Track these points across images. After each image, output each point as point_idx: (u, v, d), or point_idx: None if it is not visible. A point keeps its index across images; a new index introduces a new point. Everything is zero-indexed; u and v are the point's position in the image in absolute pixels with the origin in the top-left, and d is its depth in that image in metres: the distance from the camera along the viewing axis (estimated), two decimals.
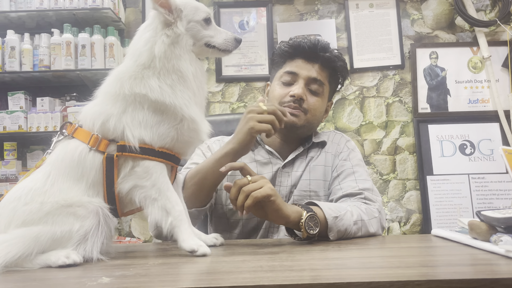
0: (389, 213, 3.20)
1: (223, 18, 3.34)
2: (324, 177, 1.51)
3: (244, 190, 1.13)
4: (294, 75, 1.49)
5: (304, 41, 1.50)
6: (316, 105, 1.50)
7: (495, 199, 3.08)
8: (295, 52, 1.51)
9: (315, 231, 1.16)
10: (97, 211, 0.99)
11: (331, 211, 1.22)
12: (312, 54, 1.49)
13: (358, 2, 3.36)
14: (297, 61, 1.51)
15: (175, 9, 1.08)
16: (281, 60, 1.55)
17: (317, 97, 1.50)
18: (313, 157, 1.54)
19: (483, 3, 3.35)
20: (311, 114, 1.49)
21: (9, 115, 2.97)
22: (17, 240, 0.90)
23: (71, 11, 3.01)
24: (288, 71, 1.50)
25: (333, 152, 1.55)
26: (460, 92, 3.28)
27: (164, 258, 1.00)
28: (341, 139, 1.59)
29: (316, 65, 1.50)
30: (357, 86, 3.31)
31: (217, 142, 1.59)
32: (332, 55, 1.52)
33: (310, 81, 1.49)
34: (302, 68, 1.49)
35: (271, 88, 1.56)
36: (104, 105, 1.05)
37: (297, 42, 1.51)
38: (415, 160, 3.24)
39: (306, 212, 1.17)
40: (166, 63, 1.05)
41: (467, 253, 0.97)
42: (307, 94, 1.48)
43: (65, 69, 2.97)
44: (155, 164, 1.03)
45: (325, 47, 1.51)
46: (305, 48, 1.49)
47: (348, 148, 1.55)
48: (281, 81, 1.51)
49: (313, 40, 1.50)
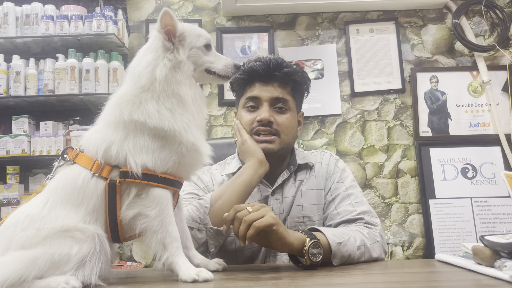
0: (392, 237, 3.18)
1: (225, 43, 3.39)
2: (317, 201, 1.49)
3: (246, 220, 1.12)
4: (256, 99, 1.48)
5: (256, 64, 1.47)
6: (286, 122, 1.47)
7: (498, 223, 3.05)
8: (251, 78, 1.49)
9: (318, 258, 1.15)
10: (93, 236, 0.98)
11: (334, 237, 1.21)
12: (268, 75, 1.47)
13: (358, 27, 3.41)
14: (255, 85, 1.49)
15: (180, 35, 1.10)
16: (240, 88, 1.54)
17: (285, 114, 1.48)
18: (303, 181, 1.52)
19: (481, 28, 3.40)
20: (284, 134, 1.47)
21: (12, 139, 2.99)
22: (14, 262, 0.89)
23: (76, 36, 3.06)
24: (249, 96, 1.49)
25: (324, 174, 1.53)
26: (461, 116, 3.30)
27: (166, 284, 0.99)
28: (330, 159, 1.56)
29: (275, 84, 1.48)
30: (358, 109, 3.33)
31: (206, 173, 1.56)
32: (288, 70, 1.48)
33: (274, 101, 1.47)
34: (263, 90, 1.47)
35: (239, 116, 1.54)
36: (105, 132, 1.06)
37: (249, 67, 1.48)
38: (417, 183, 3.23)
39: (309, 240, 1.16)
40: (166, 87, 1.06)
41: (471, 278, 0.97)
42: (274, 115, 1.46)
43: (69, 93, 3.00)
44: (162, 193, 1.04)
45: (279, 64, 1.47)
46: (259, 71, 1.47)
47: (339, 169, 1.53)
48: (246, 108, 1.50)
49: (266, 61, 1.47)
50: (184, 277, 1.00)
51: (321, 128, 3.31)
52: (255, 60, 1.50)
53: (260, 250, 1.45)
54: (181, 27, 1.10)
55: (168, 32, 1.08)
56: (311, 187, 1.51)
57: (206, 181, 1.54)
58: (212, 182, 1.54)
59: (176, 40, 1.09)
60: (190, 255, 1.14)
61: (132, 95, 1.06)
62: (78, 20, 3.07)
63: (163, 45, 1.08)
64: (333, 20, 3.43)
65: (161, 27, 1.08)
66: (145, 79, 1.06)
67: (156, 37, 1.10)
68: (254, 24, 3.42)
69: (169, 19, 1.08)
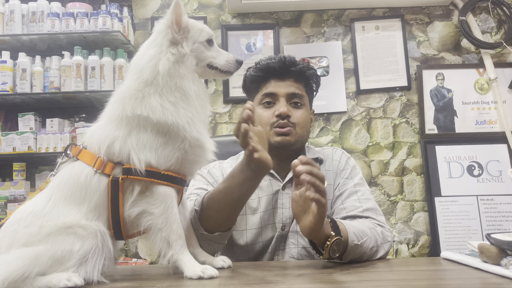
0: (397, 235, 3.17)
1: (231, 40, 3.39)
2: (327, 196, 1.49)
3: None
4: (273, 95, 1.51)
5: (272, 61, 1.51)
6: (302, 117, 1.51)
7: (505, 221, 3.04)
8: (267, 75, 1.52)
9: (336, 255, 1.15)
10: (96, 233, 0.99)
11: (354, 237, 1.20)
12: (283, 72, 1.51)
13: (364, 24, 3.39)
14: (271, 82, 1.52)
15: (184, 28, 1.09)
16: (255, 85, 1.56)
17: (301, 109, 1.52)
18: None
19: (488, 25, 3.37)
20: (300, 127, 1.50)
21: (19, 136, 3.01)
22: (17, 259, 0.90)
23: (81, 34, 3.06)
24: (266, 93, 1.51)
25: (334, 170, 1.54)
26: (467, 113, 3.28)
27: (172, 281, 1.00)
28: (342, 156, 1.58)
29: (290, 80, 1.52)
30: (363, 107, 3.32)
31: (217, 167, 1.57)
32: (302, 66, 1.53)
33: (290, 96, 1.50)
34: (279, 86, 1.51)
35: (256, 113, 1.52)
36: (108, 128, 1.05)
37: (265, 64, 1.52)
38: (422, 181, 3.22)
39: (334, 234, 1.14)
40: (169, 80, 1.05)
41: (477, 277, 0.96)
42: (291, 110, 1.49)
43: (75, 90, 3.01)
44: (166, 191, 1.03)
45: (293, 61, 1.52)
46: (275, 68, 1.51)
47: (349, 166, 1.55)
48: (262, 104, 1.52)
49: (280, 58, 1.52)
50: (190, 274, 1.00)
51: (326, 126, 3.30)
52: (269, 59, 1.54)
53: (269, 244, 1.46)
54: (186, 20, 1.10)
55: (177, 23, 1.08)
56: None
57: (216, 176, 1.55)
58: (223, 177, 1.55)
59: (180, 33, 1.09)
60: (195, 253, 1.14)
61: (135, 90, 1.06)
62: (84, 17, 3.08)
63: (169, 39, 1.08)
64: (339, 17, 3.41)
65: (175, 17, 1.07)
66: (148, 73, 1.06)
67: (160, 31, 1.10)
68: (259, 21, 3.41)
69: (179, 11, 1.07)
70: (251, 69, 1.57)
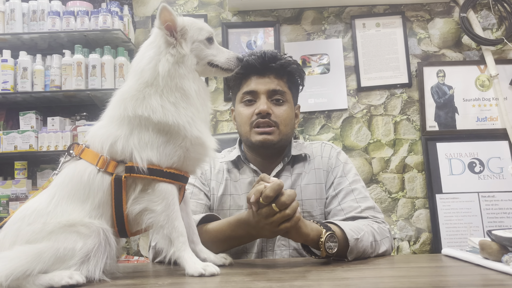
0: (399, 232, 3.17)
1: (231, 38, 3.39)
2: (318, 195, 1.48)
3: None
4: (254, 93, 1.49)
5: (251, 58, 1.48)
6: (284, 114, 1.49)
7: (506, 217, 3.04)
8: (247, 71, 1.50)
9: (334, 250, 1.16)
10: (98, 231, 0.99)
11: (352, 233, 1.21)
12: (263, 68, 1.48)
13: (365, 21, 3.39)
14: (251, 79, 1.50)
15: (181, 29, 1.10)
16: (236, 82, 1.54)
17: (283, 106, 1.49)
18: (301, 174, 1.51)
19: (489, 22, 3.37)
20: (283, 125, 1.48)
21: (20, 134, 3.01)
22: (19, 256, 0.90)
23: (82, 32, 3.06)
24: (246, 91, 1.50)
25: (325, 168, 1.52)
26: (468, 110, 3.27)
27: (174, 278, 1.00)
28: (331, 152, 1.56)
29: (271, 76, 1.49)
30: (364, 104, 3.32)
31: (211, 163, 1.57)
32: (283, 62, 1.50)
33: (271, 93, 1.48)
34: (259, 83, 1.48)
35: (236, 111, 1.55)
36: (111, 127, 1.06)
37: (245, 61, 1.46)
38: (423, 178, 3.22)
39: (325, 231, 1.16)
40: (169, 81, 1.06)
41: (478, 273, 0.96)
42: (272, 107, 1.47)
43: (75, 89, 3.02)
44: (168, 188, 1.04)
45: (274, 56, 1.49)
46: (255, 64, 1.48)
47: (341, 162, 1.52)
48: (243, 103, 1.51)
49: (260, 54, 1.49)
50: (191, 272, 1.00)
51: (327, 123, 3.30)
52: (249, 55, 1.50)
53: (254, 243, 1.44)
54: (181, 21, 1.10)
55: (168, 27, 1.08)
56: (311, 181, 1.50)
57: (205, 169, 1.56)
58: (211, 170, 1.57)
59: (178, 34, 1.09)
60: (197, 250, 1.15)
61: (136, 91, 1.06)
62: (84, 15, 3.08)
63: (165, 40, 1.08)
64: (339, 14, 3.41)
65: (161, 23, 1.08)
66: (148, 74, 1.06)
67: (157, 33, 1.10)
68: (260, 19, 3.41)
69: (168, 14, 1.08)
70: None
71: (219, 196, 1.50)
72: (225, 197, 1.51)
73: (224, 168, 1.55)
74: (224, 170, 1.55)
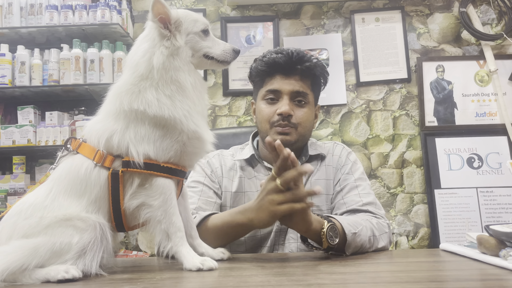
0: (397, 227, 3.18)
1: (230, 32, 3.37)
2: (326, 191, 1.50)
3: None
4: (277, 92, 1.48)
5: (278, 56, 1.46)
6: (305, 116, 1.48)
7: (504, 212, 3.04)
8: (272, 70, 1.48)
9: (335, 241, 1.16)
10: (95, 226, 0.99)
11: (350, 227, 1.21)
12: (289, 68, 1.47)
13: (364, 16, 3.38)
14: (276, 77, 1.48)
15: (175, 22, 1.09)
16: (260, 79, 1.53)
17: (304, 108, 1.49)
18: (313, 171, 1.52)
19: (489, 17, 3.36)
20: (301, 127, 1.48)
21: (18, 129, 3.00)
22: (16, 251, 0.90)
23: (80, 26, 3.05)
24: (270, 89, 1.48)
25: (335, 165, 1.54)
26: (467, 106, 3.27)
27: (172, 272, 1.00)
28: (342, 151, 1.58)
29: (296, 77, 1.47)
30: (363, 99, 3.31)
31: (217, 157, 1.58)
32: (310, 64, 1.48)
33: (294, 94, 1.47)
34: (283, 83, 1.47)
35: (257, 107, 1.54)
36: (107, 121, 1.05)
37: (271, 59, 1.47)
38: (422, 173, 3.22)
39: (327, 222, 1.17)
40: (164, 74, 1.05)
41: (476, 268, 0.96)
42: (294, 109, 1.46)
43: (74, 83, 3.00)
44: (165, 183, 1.04)
45: (301, 57, 1.47)
46: (281, 63, 1.46)
47: (350, 161, 1.55)
48: (266, 100, 1.50)
49: (288, 53, 1.46)
50: (189, 266, 1.00)
51: (326, 118, 3.30)
52: (276, 52, 1.48)
53: (268, 237, 1.46)
54: (175, 13, 1.09)
55: (162, 20, 1.07)
56: (321, 177, 1.52)
57: (215, 167, 1.55)
58: (221, 167, 1.55)
59: (172, 26, 1.08)
60: (194, 244, 1.15)
61: (131, 84, 1.05)
62: (82, 9, 3.07)
63: (159, 33, 1.07)
64: (339, 9, 3.40)
65: (154, 16, 1.07)
66: (143, 68, 1.05)
67: (151, 26, 1.09)
68: (259, 14, 3.39)
69: (161, 7, 1.07)
70: (257, 61, 1.53)
71: (233, 193, 1.50)
72: (239, 195, 1.51)
73: (237, 165, 1.55)
74: (237, 167, 1.55)
